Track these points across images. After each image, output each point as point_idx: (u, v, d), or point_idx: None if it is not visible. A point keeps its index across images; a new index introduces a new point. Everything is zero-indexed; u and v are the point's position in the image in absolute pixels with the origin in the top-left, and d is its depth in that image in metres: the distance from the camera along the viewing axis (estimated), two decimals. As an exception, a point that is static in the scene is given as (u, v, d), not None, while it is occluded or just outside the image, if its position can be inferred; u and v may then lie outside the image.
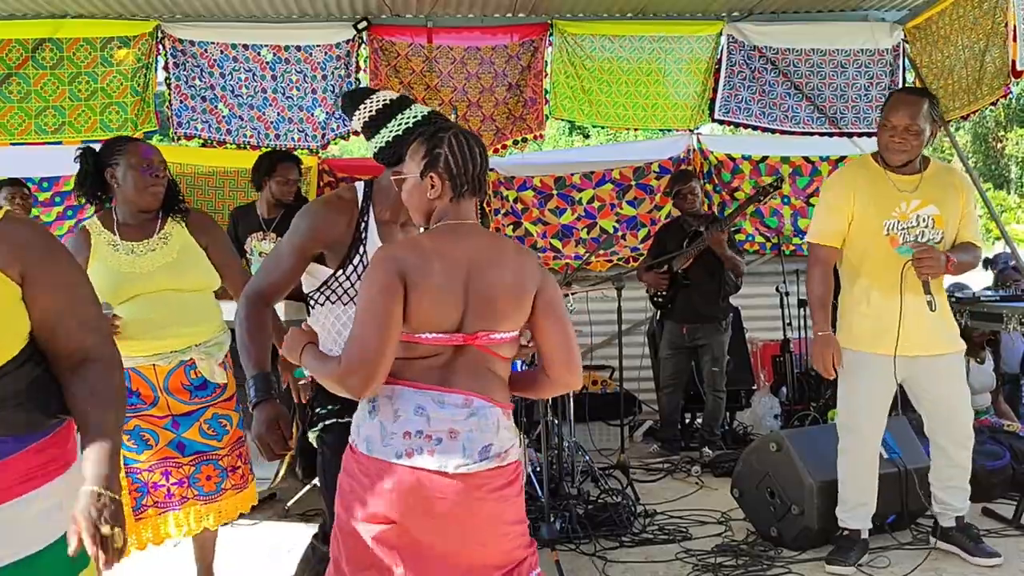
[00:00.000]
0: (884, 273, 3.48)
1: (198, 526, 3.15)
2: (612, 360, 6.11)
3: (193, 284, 3.11)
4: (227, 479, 3.18)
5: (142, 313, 2.98)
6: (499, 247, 2.14)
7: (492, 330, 2.07)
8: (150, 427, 3.05)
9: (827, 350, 3.57)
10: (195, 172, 6.22)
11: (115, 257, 3.02)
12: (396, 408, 2.00)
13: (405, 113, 2.41)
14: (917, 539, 3.87)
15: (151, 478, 3.06)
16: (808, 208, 6.70)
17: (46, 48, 5.90)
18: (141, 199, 3.05)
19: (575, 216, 6.61)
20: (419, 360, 2.04)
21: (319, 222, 2.41)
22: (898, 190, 3.51)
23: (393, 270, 1.99)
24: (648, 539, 4.00)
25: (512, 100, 6.30)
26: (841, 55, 6.42)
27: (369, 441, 2.02)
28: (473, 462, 2.01)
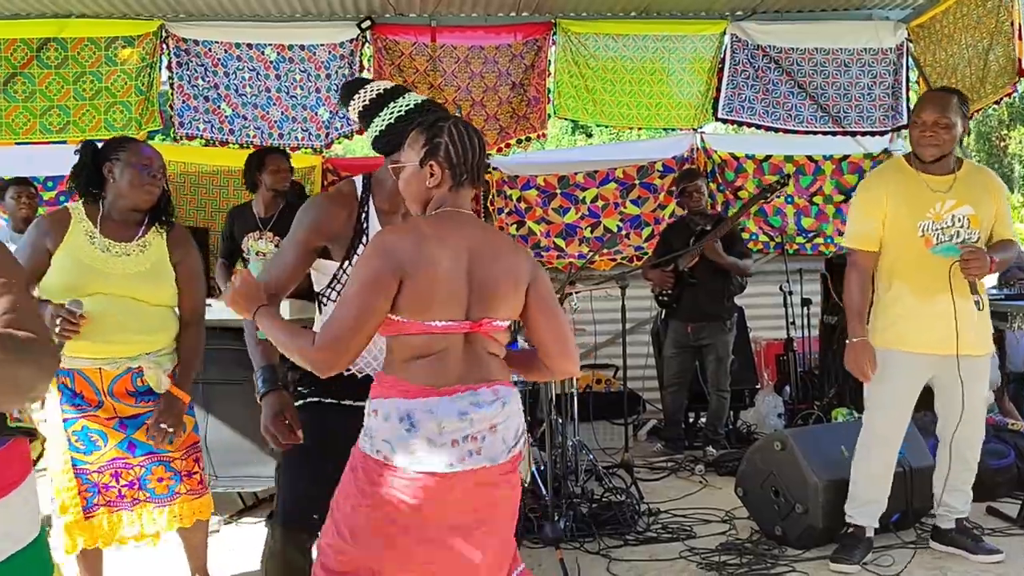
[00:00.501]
0: (919, 274, 3.47)
1: (152, 527, 3.07)
2: (616, 359, 6.11)
3: (156, 299, 3.04)
4: (181, 483, 3.08)
5: (96, 313, 2.88)
6: (495, 237, 2.19)
7: (494, 316, 2.10)
8: (99, 427, 2.96)
9: (863, 355, 3.56)
10: (199, 171, 6.23)
11: (88, 249, 2.94)
12: (440, 421, 2.01)
13: (399, 101, 2.42)
14: (921, 538, 3.86)
15: (101, 479, 2.99)
16: (811, 207, 6.70)
17: (51, 47, 5.92)
18: (135, 196, 2.98)
19: (579, 215, 6.61)
20: (428, 358, 2.05)
21: (319, 215, 2.43)
22: (932, 190, 3.49)
23: (390, 261, 2.00)
24: (652, 538, 3.99)
25: (516, 99, 6.31)
26: (845, 54, 6.43)
27: (412, 455, 2.01)
28: (512, 446, 2.10)
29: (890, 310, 3.58)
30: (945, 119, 3.44)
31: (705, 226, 5.44)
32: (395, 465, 2.02)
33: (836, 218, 6.69)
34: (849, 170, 6.67)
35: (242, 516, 4.48)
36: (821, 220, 6.72)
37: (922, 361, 3.50)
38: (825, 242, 6.71)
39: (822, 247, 6.69)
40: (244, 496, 4.59)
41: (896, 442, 3.61)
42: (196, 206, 6.24)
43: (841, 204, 6.67)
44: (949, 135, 3.45)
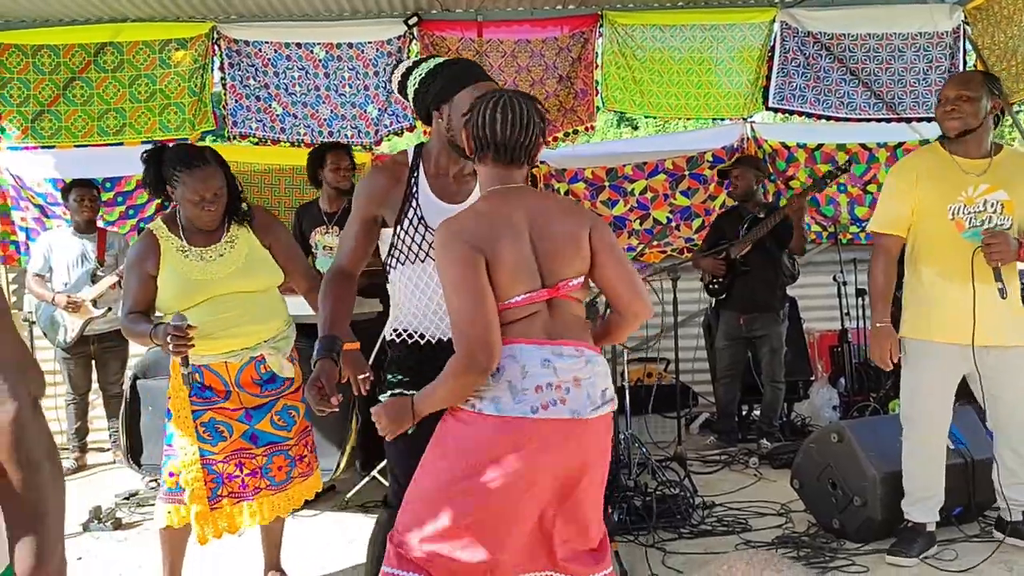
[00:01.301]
0: (950, 259, 3.40)
1: (271, 515, 3.25)
2: (667, 352, 6.07)
3: (260, 285, 3.18)
4: (296, 467, 3.27)
5: (213, 314, 3.06)
6: (548, 200, 2.27)
7: (568, 277, 2.15)
8: (224, 419, 3.13)
9: (885, 342, 3.52)
10: (251, 170, 6.32)
11: (185, 263, 3.08)
12: (523, 364, 2.05)
13: (417, 69, 2.53)
14: (985, 531, 3.78)
15: (226, 469, 3.14)
16: (865, 196, 6.58)
17: (107, 52, 6.06)
18: (198, 222, 3.11)
19: (627, 207, 6.57)
20: (520, 322, 2.10)
21: (369, 184, 2.58)
22: (964, 173, 3.42)
23: (464, 243, 2.05)
24: (707, 531, 3.97)
25: (563, 92, 6.30)
26: (899, 39, 6.30)
27: (497, 401, 2.05)
28: (599, 405, 2.12)
29: (918, 296, 3.50)
30: (966, 93, 3.39)
31: (758, 214, 5.38)
32: (482, 411, 2.06)
33: (891, 207, 6.55)
34: (904, 157, 6.53)
35: (298, 510, 4.53)
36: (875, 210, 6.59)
37: (952, 350, 3.41)
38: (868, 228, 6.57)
39: (876, 236, 6.56)
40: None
41: (940, 434, 3.53)
42: (253, 205, 6.32)
43: (896, 192, 6.53)
44: (971, 108, 3.38)
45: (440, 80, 2.47)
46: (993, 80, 3.51)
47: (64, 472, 4.04)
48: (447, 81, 2.46)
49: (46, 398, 4.87)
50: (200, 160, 3.02)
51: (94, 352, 5.50)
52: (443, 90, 2.45)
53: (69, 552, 3.86)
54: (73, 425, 5.60)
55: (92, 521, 4.30)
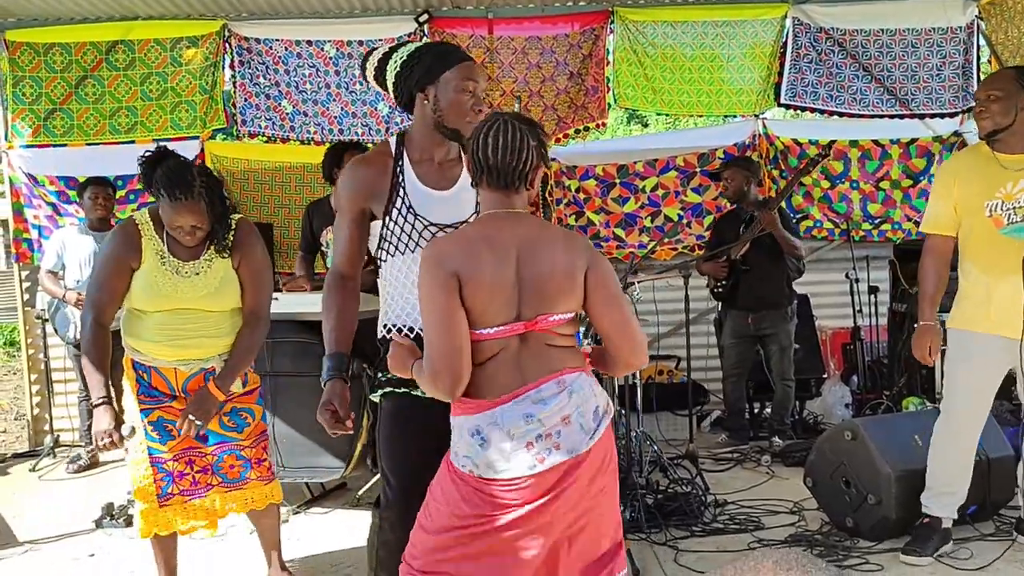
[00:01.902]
0: (988, 254, 3.39)
1: (223, 510, 3.22)
2: (678, 350, 6.06)
3: (226, 307, 3.15)
4: (251, 469, 3.22)
5: (171, 323, 3.05)
6: (545, 231, 2.14)
7: (549, 312, 2.07)
8: (173, 418, 3.09)
9: (925, 338, 3.53)
10: (262, 168, 6.33)
11: (160, 272, 3.03)
12: (507, 429, 2.01)
13: (396, 54, 2.48)
14: (1000, 530, 3.76)
15: (176, 467, 3.12)
16: (878, 193, 6.54)
17: (119, 50, 6.08)
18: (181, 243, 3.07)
19: (638, 204, 6.55)
20: (489, 362, 2.05)
21: (352, 179, 2.51)
22: (1004, 169, 3.39)
23: (445, 269, 2.01)
24: (719, 529, 3.95)
25: (574, 89, 6.28)
26: (912, 34, 6.26)
27: (492, 467, 2.02)
28: (594, 431, 2.06)
29: (965, 291, 3.51)
30: (994, 92, 3.39)
31: (754, 213, 5.35)
32: (481, 476, 2.04)
33: (904, 203, 6.52)
34: (917, 154, 6.49)
35: (310, 506, 4.55)
36: (888, 206, 6.55)
37: (996, 344, 3.39)
38: (893, 228, 6.54)
39: (889, 233, 6.53)
40: (311, 487, 4.67)
41: (975, 429, 3.51)
42: (259, 202, 6.34)
43: (909, 189, 6.50)
44: (999, 107, 3.37)
45: (425, 61, 2.44)
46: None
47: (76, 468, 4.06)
48: (432, 61, 2.43)
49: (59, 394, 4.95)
50: (184, 191, 2.90)
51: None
52: (428, 71, 2.42)
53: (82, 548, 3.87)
54: (86, 422, 5.60)
55: (105, 518, 4.31)
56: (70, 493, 5.06)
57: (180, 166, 2.99)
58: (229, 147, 6.50)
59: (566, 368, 2.08)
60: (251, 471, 3.22)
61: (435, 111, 2.43)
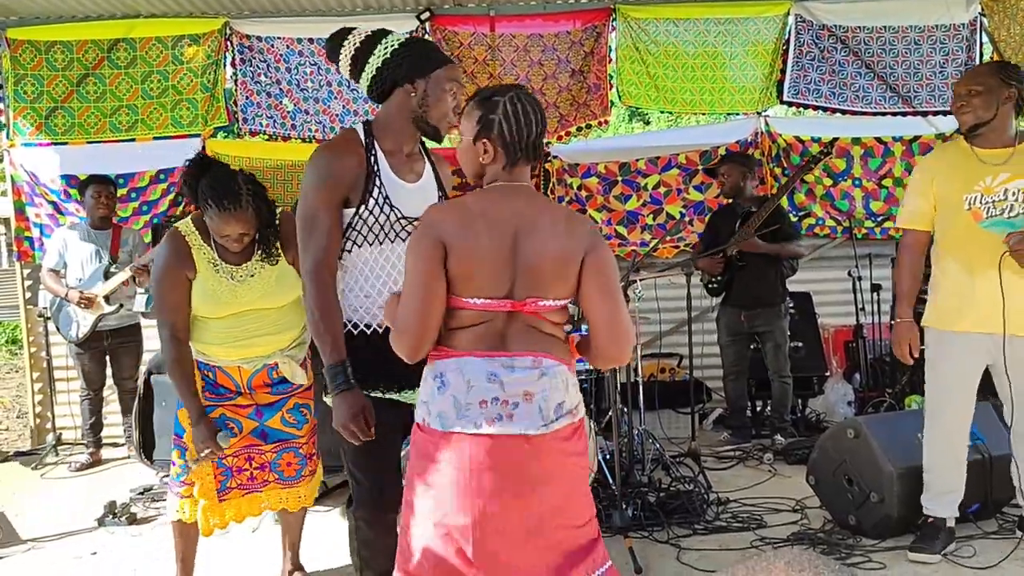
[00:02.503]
0: (970, 249, 3.38)
1: (276, 505, 3.28)
2: (680, 348, 6.05)
3: (284, 302, 3.15)
4: (306, 466, 3.28)
5: (233, 326, 3.07)
6: (548, 210, 2.09)
7: (541, 297, 2.04)
8: (235, 416, 3.14)
9: (905, 336, 3.52)
10: (263, 166, 6.31)
11: (215, 280, 3.03)
12: (468, 379, 1.99)
13: (385, 41, 2.46)
14: (1003, 528, 3.75)
15: (235, 463, 3.17)
16: (880, 190, 6.54)
17: (120, 48, 6.08)
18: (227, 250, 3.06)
19: (640, 202, 6.54)
20: (474, 327, 2.03)
21: (332, 166, 2.41)
22: (982, 163, 3.39)
23: (431, 236, 2.00)
24: (722, 527, 3.95)
25: (576, 86, 6.27)
26: (915, 31, 6.25)
27: (443, 416, 2.01)
28: (551, 421, 2.01)
29: (940, 288, 3.50)
30: (975, 87, 3.40)
31: (750, 208, 5.34)
32: (429, 426, 2.03)
33: (907, 201, 6.50)
34: (920, 151, 6.47)
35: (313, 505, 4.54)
36: (891, 203, 6.54)
37: (975, 341, 3.39)
38: (895, 226, 6.51)
39: (892, 231, 6.50)
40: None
41: (961, 427, 3.50)
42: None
43: (911, 186, 6.48)
44: (980, 101, 3.38)
45: (414, 55, 2.42)
46: (1007, 68, 3.48)
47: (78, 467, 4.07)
48: (424, 56, 2.43)
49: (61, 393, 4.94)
50: (232, 202, 2.88)
51: (108, 347, 5.51)
52: (420, 65, 2.41)
53: (84, 547, 3.87)
54: (88, 421, 5.62)
55: (107, 516, 4.31)
56: (72, 491, 5.06)
57: (225, 175, 2.96)
58: (230, 145, 6.49)
59: (549, 354, 2.05)
60: (306, 467, 3.27)
61: (421, 105, 2.43)
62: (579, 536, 2.09)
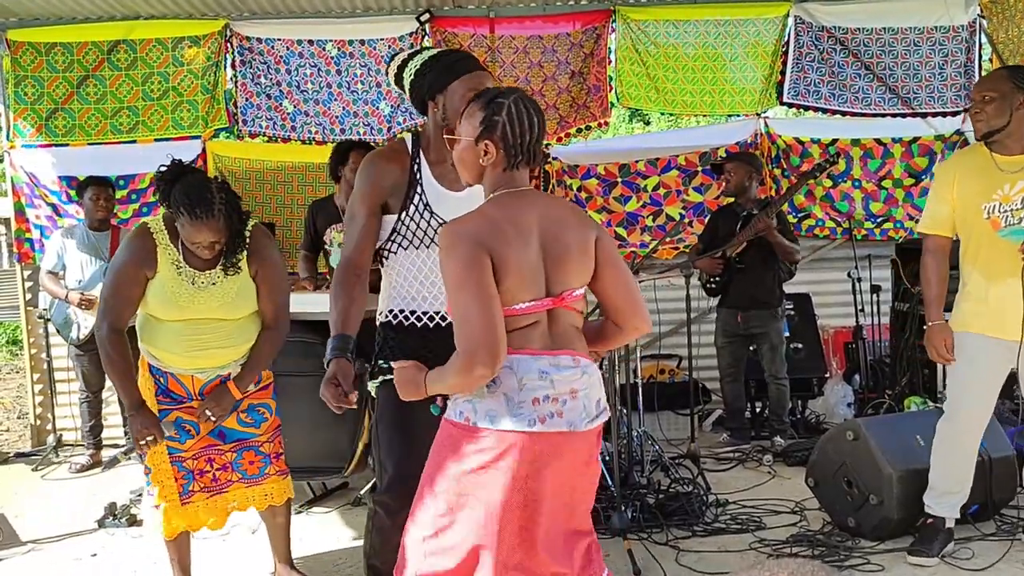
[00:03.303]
0: (987, 256, 3.38)
1: (243, 505, 3.27)
2: (680, 349, 6.05)
3: (242, 315, 3.15)
4: (271, 464, 3.28)
5: (187, 334, 3.05)
6: (557, 207, 2.17)
7: (572, 287, 2.11)
8: (191, 418, 3.13)
9: (938, 338, 3.50)
10: (264, 167, 6.33)
11: (176, 282, 3.01)
12: (520, 377, 2.01)
13: (417, 58, 2.58)
14: (1002, 530, 3.75)
15: (196, 465, 3.17)
16: (880, 192, 6.54)
17: (121, 49, 6.08)
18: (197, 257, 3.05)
19: (640, 204, 6.54)
20: (520, 331, 2.05)
21: (374, 172, 2.59)
22: (1001, 171, 3.38)
23: (472, 243, 1.98)
24: (721, 529, 3.95)
25: (575, 88, 6.28)
26: (914, 33, 6.26)
27: (493, 415, 2.01)
28: (594, 416, 2.11)
29: (966, 293, 3.50)
30: (988, 93, 3.38)
31: (752, 210, 5.34)
32: (474, 424, 2.03)
33: (906, 202, 6.50)
34: (919, 152, 6.48)
35: (311, 506, 4.56)
36: (890, 204, 6.54)
37: (997, 346, 3.39)
38: (895, 227, 6.53)
39: (892, 232, 6.52)
40: (313, 486, 4.67)
41: (977, 430, 3.50)
42: (260, 202, 6.33)
43: (911, 188, 6.49)
44: (993, 108, 3.35)
45: (434, 71, 2.52)
46: (1021, 74, 3.47)
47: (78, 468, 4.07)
48: (441, 71, 2.51)
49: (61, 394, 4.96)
50: (205, 211, 2.86)
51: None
52: (437, 81, 2.51)
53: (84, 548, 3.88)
54: (87, 422, 5.62)
55: (107, 518, 4.31)
56: (72, 493, 5.07)
57: (199, 183, 2.95)
58: (231, 147, 6.49)
59: (582, 352, 2.13)
60: (270, 466, 3.28)
61: (443, 119, 2.52)
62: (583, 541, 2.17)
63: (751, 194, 5.40)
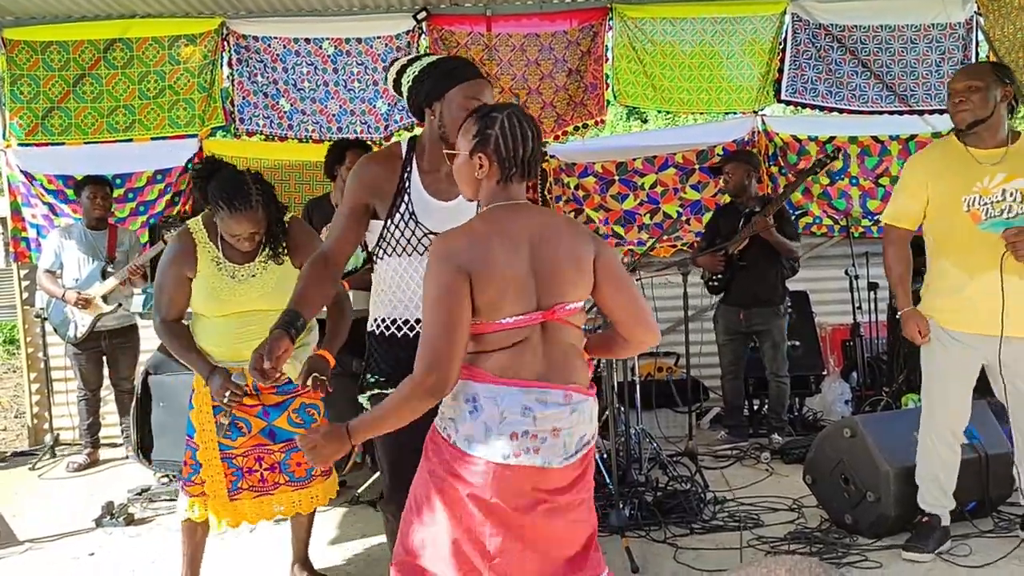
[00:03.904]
0: (970, 251, 3.37)
1: (291, 510, 3.30)
2: (677, 347, 6.05)
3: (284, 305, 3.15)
4: None
5: (235, 328, 3.11)
6: (552, 220, 2.16)
7: (565, 301, 2.08)
8: (243, 415, 3.16)
9: (912, 321, 3.53)
10: (261, 166, 6.27)
11: (217, 277, 3.10)
12: (502, 410, 2.00)
13: (415, 64, 2.55)
14: (999, 527, 3.76)
15: (245, 463, 3.19)
16: (877, 189, 6.54)
17: (117, 48, 6.07)
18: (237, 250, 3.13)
19: (637, 201, 6.54)
20: (510, 350, 2.04)
21: (361, 173, 2.59)
22: (979, 164, 3.38)
23: (452, 266, 1.98)
24: (719, 526, 3.95)
25: (572, 86, 6.27)
26: (911, 30, 6.27)
27: (470, 440, 2.02)
28: (572, 454, 2.07)
29: (936, 287, 3.50)
30: (974, 83, 3.38)
31: (754, 208, 5.35)
32: (455, 445, 2.04)
33: (903, 200, 6.51)
34: (917, 150, 6.46)
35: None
36: (887, 202, 6.53)
37: (971, 342, 3.39)
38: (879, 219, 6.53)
39: (889, 230, 6.52)
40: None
41: (955, 424, 3.50)
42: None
43: (908, 185, 6.49)
44: (980, 98, 3.36)
45: (432, 78, 2.49)
46: (1002, 68, 3.49)
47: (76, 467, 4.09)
48: (438, 79, 2.48)
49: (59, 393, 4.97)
50: (243, 202, 2.95)
51: (106, 348, 5.52)
52: (435, 88, 2.48)
53: (82, 547, 3.88)
54: (85, 421, 5.61)
55: (105, 517, 4.31)
56: (70, 492, 5.06)
57: (235, 175, 3.05)
58: (228, 145, 6.48)
59: (579, 386, 2.09)
60: (317, 467, 3.27)
61: (440, 127, 2.48)
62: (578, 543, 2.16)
63: (751, 192, 5.42)
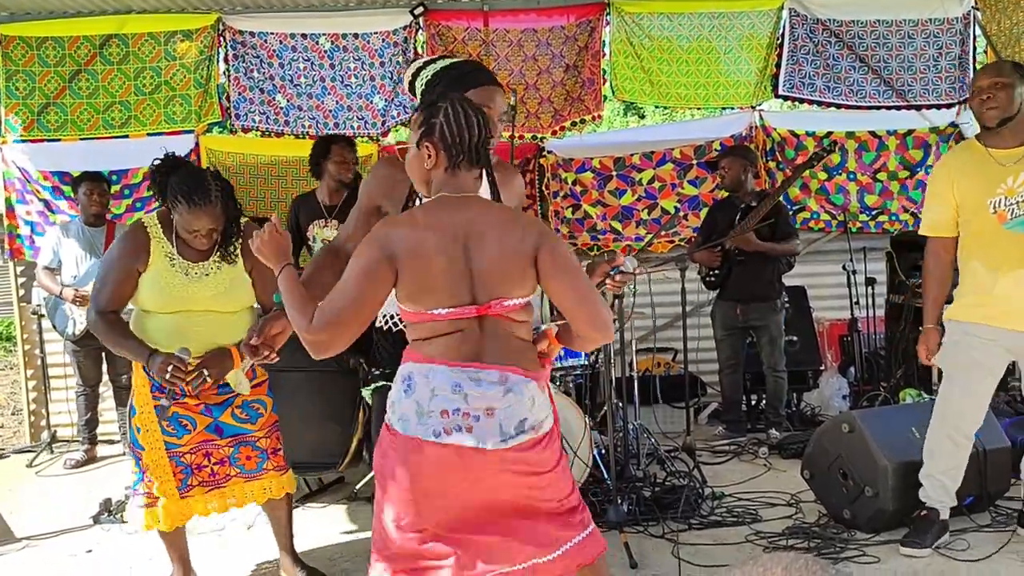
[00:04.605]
0: (998, 250, 3.38)
1: (243, 501, 3.28)
2: (675, 342, 6.05)
3: (235, 308, 3.20)
4: (268, 460, 3.28)
5: (181, 326, 3.08)
6: (495, 214, 2.14)
7: (504, 297, 2.07)
8: (187, 413, 3.14)
9: (929, 341, 3.55)
10: (257, 162, 6.30)
11: (169, 273, 3.08)
12: (433, 387, 2.02)
13: (428, 69, 2.55)
14: (996, 521, 3.76)
15: (194, 460, 3.17)
16: (875, 184, 6.54)
17: (113, 44, 6.05)
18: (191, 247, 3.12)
19: (635, 197, 6.53)
20: (446, 336, 2.06)
21: (377, 176, 2.67)
22: (1001, 165, 3.38)
23: (382, 253, 2.02)
24: (717, 521, 3.96)
25: (570, 81, 6.26)
26: (908, 25, 6.26)
27: (404, 420, 2.05)
28: (509, 438, 2.04)
29: (970, 287, 3.50)
30: (1001, 80, 3.37)
31: (750, 203, 5.35)
32: (392, 427, 2.09)
33: (901, 195, 6.51)
34: (914, 145, 6.49)
35: (307, 501, 4.55)
36: (885, 197, 6.55)
37: (999, 337, 3.39)
38: (890, 219, 6.53)
39: (887, 225, 6.51)
40: (309, 481, 4.67)
41: (972, 420, 3.50)
42: (255, 196, 6.30)
43: (906, 180, 6.49)
44: (1006, 94, 3.35)
45: (444, 83, 2.49)
46: (1020, 68, 3.47)
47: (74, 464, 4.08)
48: (449, 84, 2.48)
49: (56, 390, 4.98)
50: (202, 197, 2.96)
51: (104, 345, 5.50)
52: (445, 92, 2.45)
53: (79, 544, 3.88)
54: (83, 417, 5.61)
55: (102, 514, 4.31)
56: (67, 489, 5.05)
57: (196, 172, 3.09)
58: (224, 141, 6.46)
59: (518, 368, 2.09)
60: (268, 461, 3.28)
61: None
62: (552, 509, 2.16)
63: (748, 187, 5.42)
